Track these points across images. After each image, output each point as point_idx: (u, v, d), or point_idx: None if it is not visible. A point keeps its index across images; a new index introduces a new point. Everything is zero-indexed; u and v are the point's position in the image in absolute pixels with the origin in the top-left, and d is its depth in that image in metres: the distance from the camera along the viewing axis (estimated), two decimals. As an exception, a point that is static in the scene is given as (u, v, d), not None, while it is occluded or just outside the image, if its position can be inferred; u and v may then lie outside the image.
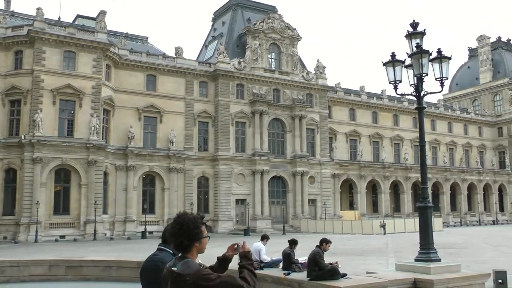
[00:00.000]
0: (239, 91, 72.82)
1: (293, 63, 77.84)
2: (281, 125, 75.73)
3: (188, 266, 4.20)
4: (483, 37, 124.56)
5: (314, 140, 78.78)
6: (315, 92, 79.52)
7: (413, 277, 10.14)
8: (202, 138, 71.55)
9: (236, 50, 76.66)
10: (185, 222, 4.38)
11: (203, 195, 70.60)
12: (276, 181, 74.60)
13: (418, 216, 12.01)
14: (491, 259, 30.10)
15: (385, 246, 42.60)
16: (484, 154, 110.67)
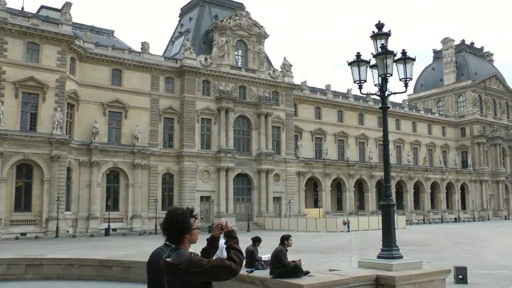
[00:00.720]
0: (205, 87, 72.51)
1: (260, 61, 77.88)
2: (247, 122, 75.71)
3: (180, 256, 4.56)
4: (448, 39, 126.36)
5: (279, 138, 78.95)
6: (281, 90, 79.70)
7: (375, 274, 10.22)
8: (167, 135, 71.07)
9: (203, 47, 76.31)
10: (175, 217, 4.76)
11: (168, 191, 70.13)
12: (241, 178, 74.56)
13: (381, 214, 12.13)
14: (452, 255, 30.68)
15: (348, 243, 42.98)
16: (447, 153, 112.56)
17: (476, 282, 19.62)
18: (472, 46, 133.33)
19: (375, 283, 10.13)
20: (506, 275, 21.69)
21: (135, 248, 38.66)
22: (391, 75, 11.54)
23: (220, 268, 4.51)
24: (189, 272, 4.46)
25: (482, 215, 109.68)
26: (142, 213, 66.03)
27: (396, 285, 9.93)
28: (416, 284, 10.40)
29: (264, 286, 9.78)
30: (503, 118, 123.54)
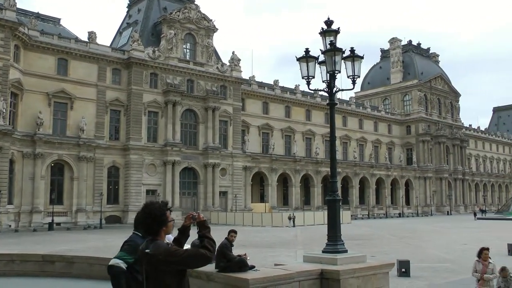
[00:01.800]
0: (153, 80, 71.77)
1: (208, 54, 77.57)
2: (194, 116, 75.33)
3: (158, 247, 4.84)
4: (395, 39, 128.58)
5: (226, 132, 78.86)
6: (229, 84, 79.61)
7: (320, 268, 10.28)
8: (113, 127, 70.05)
9: (151, 39, 75.46)
10: (153, 211, 5.05)
11: (113, 185, 69.15)
12: (187, 172, 74.19)
13: (327, 209, 12.23)
14: (396, 250, 31.31)
15: (294, 238, 43.29)
16: (392, 150, 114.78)
17: (418, 275, 20.10)
18: (419, 46, 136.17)
19: (319, 277, 10.19)
20: (447, 268, 22.26)
21: (79, 242, 38.13)
22: (339, 72, 11.62)
23: (195, 256, 4.84)
24: (167, 261, 4.75)
25: (425, 211, 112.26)
26: (87, 207, 64.84)
27: (341, 278, 10.01)
28: (360, 278, 10.51)
29: (210, 280, 9.74)
30: (448, 117, 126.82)
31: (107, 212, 66.71)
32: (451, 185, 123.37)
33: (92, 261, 14.91)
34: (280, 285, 9.43)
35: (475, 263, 12.97)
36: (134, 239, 6.15)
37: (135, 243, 6.02)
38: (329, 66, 11.60)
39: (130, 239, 6.25)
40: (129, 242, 6.20)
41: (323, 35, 11.91)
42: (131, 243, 6.14)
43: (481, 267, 12.73)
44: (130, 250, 6.07)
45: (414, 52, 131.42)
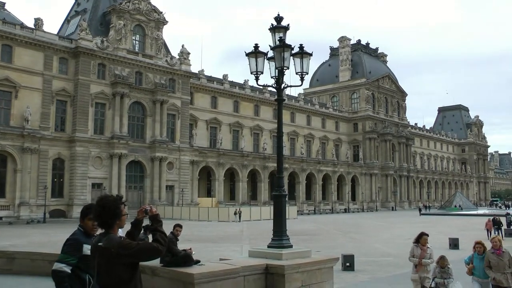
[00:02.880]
0: (101, 71, 70.51)
1: (158, 47, 76.81)
2: (142, 109, 74.52)
3: (111, 240, 4.88)
4: (345, 38, 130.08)
5: (174, 126, 78.27)
6: (178, 78, 79.01)
7: (265, 263, 10.33)
8: (59, 118, 68.37)
9: (100, 28, 73.99)
10: (107, 204, 5.06)
11: (58, 178, 67.61)
12: (134, 165, 73.35)
13: (273, 204, 12.29)
14: (341, 244, 31.75)
15: (240, 233, 43.37)
16: (339, 147, 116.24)
17: (362, 269, 20.41)
18: (367, 46, 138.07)
19: (265, 272, 10.24)
20: (390, 262, 22.68)
21: (21, 237, 37.24)
22: (287, 68, 11.68)
23: (148, 250, 4.89)
24: (120, 254, 4.77)
25: (370, 206, 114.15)
26: (30, 201, 63.24)
27: (285, 273, 10.08)
28: (304, 273, 10.60)
29: (155, 274, 9.68)
30: (394, 116, 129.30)
31: (51, 206, 65.23)
32: (396, 181, 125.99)
33: (34, 256, 14.63)
34: (225, 280, 9.44)
35: (412, 248, 13.05)
36: (77, 236, 6.10)
37: (76, 241, 6.00)
38: (278, 62, 11.64)
39: (71, 237, 6.14)
40: (70, 241, 6.09)
41: (272, 31, 11.94)
42: (72, 242, 6.05)
43: (419, 252, 12.82)
44: (71, 250, 5.98)
45: (363, 51, 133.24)
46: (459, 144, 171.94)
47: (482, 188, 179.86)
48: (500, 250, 12.14)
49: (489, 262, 12.15)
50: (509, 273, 11.94)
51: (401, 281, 12.34)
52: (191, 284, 8.89)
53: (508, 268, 11.98)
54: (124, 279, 4.84)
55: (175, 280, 9.33)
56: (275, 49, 11.72)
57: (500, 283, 11.90)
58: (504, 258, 12.01)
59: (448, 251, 24.91)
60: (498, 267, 11.95)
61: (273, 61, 11.89)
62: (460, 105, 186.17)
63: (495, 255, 12.10)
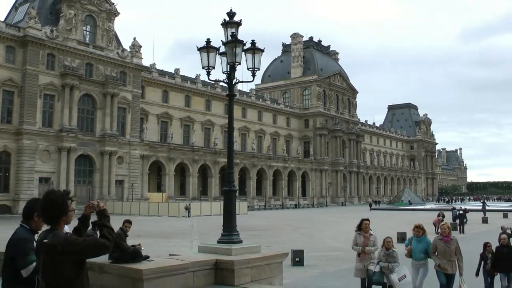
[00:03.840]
0: (50, 61, 68.90)
1: (109, 39, 75.72)
2: (92, 101, 73.35)
3: (57, 236, 4.75)
4: (297, 35, 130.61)
5: (125, 120, 77.31)
6: (129, 71, 78.07)
7: (214, 259, 10.31)
8: (6, 109, 66.47)
9: (50, 17, 72.12)
10: (54, 199, 4.91)
11: (4, 172, 65.83)
12: (83, 159, 72.14)
13: (223, 199, 12.29)
14: (291, 239, 31.95)
15: (190, 228, 43.25)
16: (290, 143, 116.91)
17: (312, 264, 20.58)
18: (319, 43, 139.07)
19: (214, 267, 10.23)
20: (339, 256, 22.93)
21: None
22: (239, 63, 11.68)
23: (95, 246, 4.82)
24: (66, 251, 4.66)
25: (321, 202, 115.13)
26: (-27, 195, 61.63)
27: (235, 269, 10.09)
28: (254, 268, 10.62)
29: (103, 271, 9.53)
30: (345, 113, 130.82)
31: (-5, 200, 63.72)
32: (346, 177, 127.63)
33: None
34: (175, 275, 9.38)
35: (355, 236, 12.94)
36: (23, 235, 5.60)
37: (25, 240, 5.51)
38: (230, 57, 11.63)
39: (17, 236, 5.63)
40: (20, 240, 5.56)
41: (225, 26, 11.91)
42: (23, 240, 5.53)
43: (362, 239, 12.72)
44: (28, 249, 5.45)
45: (315, 48, 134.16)
46: (408, 141, 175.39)
47: (430, 184, 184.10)
48: (448, 237, 12.28)
49: (436, 248, 12.32)
50: (454, 261, 12.12)
51: (349, 275, 12.49)
52: (140, 280, 8.80)
53: (455, 255, 12.16)
54: (70, 276, 4.74)
55: (124, 276, 9.22)
56: (227, 45, 11.69)
57: (445, 270, 12.08)
58: (452, 246, 12.16)
59: (396, 244, 25.28)
60: (445, 254, 12.10)
61: (225, 56, 11.88)
62: (409, 104, 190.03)
63: (442, 242, 12.23)
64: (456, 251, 12.23)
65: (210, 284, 10.09)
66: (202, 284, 9.91)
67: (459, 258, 12.32)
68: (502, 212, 61.54)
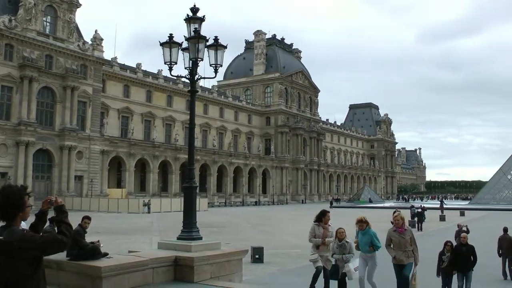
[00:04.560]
0: (8, 52, 67.27)
1: (70, 31, 74.42)
2: (51, 94, 72.07)
3: (13, 233, 4.58)
4: (260, 32, 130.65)
5: (85, 114, 76.23)
6: (90, 64, 76.96)
7: (174, 255, 10.29)
8: (-39, 102, 65.23)
9: (8, 6, 70.11)
10: (11, 194, 4.70)
11: (-42, 166, 64.53)
12: (41, 154, 70.90)
13: (183, 196, 12.26)
14: (251, 236, 32.02)
15: (150, 225, 43.02)
16: (251, 140, 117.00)
17: (272, 261, 20.65)
18: (282, 41, 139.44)
19: (174, 264, 10.20)
20: (299, 254, 23.03)
21: None
22: (201, 60, 11.67)
23: (52, 242, 4.67)
24: (22, 248, 4.51)
25: (281, 199, 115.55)
26: None
27: (195, 265, 10.08)
28: (214, 264, 10.64)
29: (61, 269, 9.39)
30: (306, 111, 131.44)
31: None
32: (307, 175, 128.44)
33: None
34: (134, 272, 9.31)
35: (313, 227, 12.78)
36: None
37: None
38: (192, 53, 11.59)
39: None
40: None
41: (188, 21, 11.86)
42: None
43: (321, 231, 12.59)
44: None
45: (278, 46, 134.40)
46: (369, 140, 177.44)
47: (390, 182, 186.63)
48: (402, 228, 12.09)
49: (390, 240, 12.15)
50: (410, 251, 11.91)
51: (309, 272, 12.51)
52: (99, 278, 8.71)
53: (410, 246, 11.95)
54: (26, 274, 4.60)
55: (82, 274, 9.11)
56: (190, 40, 11.65)
57: (401, 261, 11.85)
58: (406, 236, 11.97)
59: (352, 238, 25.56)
60: (399, 245, 11.90)
61: (187, 52, 11.84)
62: (370, 103, 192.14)
63: (396, 233, 12.05)
64: (411, 241, 12.05)
65: (169, 280, 10.06)
66: (161, 281, 9.87)
67: (415, 248, 12.12)
68: (459, 210, 63.13)
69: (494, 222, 42.63)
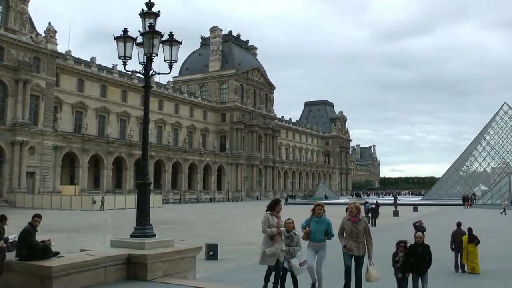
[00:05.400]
0: (-43, 44, 65.66)
1: (22, 22, 72.72)
2: (3, 87, 70.28)
3: None
4: (216, 28, 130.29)
5: (38, 108, 74.69)
6: (43, 57, 75.42)
7: (127, 253, 10.20)
8: None
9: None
10: None
11: None
12: (-8, 149, 69.39)
13: (137, 193, 12.18)
14: (206, 233, 31.98)
15: (103, 222, 42.53)
16: (207, 136, 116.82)
17: (226, 258, 20.62)
18: (238, 38, 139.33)
19: (126, 262, 10.11)
20: (253, 250, 23.01)
21: None
22: (156, 55, 11.60)
23: None
24: None
25: (236, 196, 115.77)
26: None
27: (148, 263, 10.02)
28: (167, 262, 10.59)
29: (9, 270, 9.18)
30: (262, 108, 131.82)
31: None
32: (262, 172, 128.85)
33: None
34: (86, 271, 9.18)
35: (267, 217, 11.88)
36: None
37: None
38: (147, 48, 11.52)
39: None
40: None
41: (143, 16, 11.75)
42: None
43: (275, 220, 11.85)
44: None
45: (234, 42, 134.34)
46: (324, 137, 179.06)
47: (344, 179, 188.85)
48: (356, 218, 11.73)
49: (343, 228, 11.81)
50: (362, 242, 11.58)
51: (263, 269, 12.49)
52: (49, 278, 8.55)
53: (362, 236, 11.62)
54: None
55: (32, 274, 8.92)
56: (145, 35, 11.57)
57: (351, 251, 11.54)
58: (359, 226, 11.63)
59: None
60: (352, 234, 11.58)
61: (142, 47, 11.75)
62: (325, 101, 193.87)
63: (350, 222, 11.70)
64: (365, 232, 11.66)
65: (122, 279, 9.96)
66: (114, 280, 9.76)
67: (368, 239, 11.69)
68: (412, 206, 64.31)
69: (446, 217, 43.55)
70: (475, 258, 17.14)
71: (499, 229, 37.19)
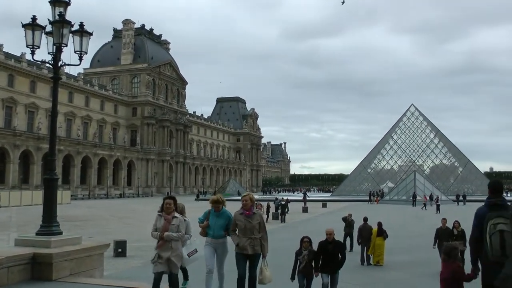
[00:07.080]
0: None
1: None
2: None
3: None
4: (129, 21, 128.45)
5: None
6: None
7: (32, 252, 9.86)
8: None
9: None
10: None
11: None
12: None
13: (44, 189, 11.79)
14: (115, 230, 31.58)
15: (8, 219, 41.11)
16: (117, 131, 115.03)
17: (135, 254, 20.42)
18: (151, 32, 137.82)
19: (31, 261, 9.76)
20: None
21: None
22: (66, 45, 11.24)
23: None
24: None
25: (146, 191, 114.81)
26: None
27: (53, 262, 9.74)
28: (73, 260, 10.34)
29: None
30: (174, 103, 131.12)
31: None
32: (173, 167, 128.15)
33: None
34: (-14, 272, 8.77)
35: (156, 218, 10.09)
36: None
37: None
38: (56, 38, 11.13)
39: None
40: None
41: (52, 4, 11.35)
42: None
43: (162, 222, 9.88)
44: None
45: (146, 36, 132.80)
46: (235, 134, 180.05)
47: (255, 176, 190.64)
48: (250, 211, 10.12)
49: (235, 225, 10.21)
50: (257, 239, 10.03)
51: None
52: None
53: (257, 232, 10.07)
54: None
55: None
56: (54, 24, 11.18)
57: (245, 250, 9.97)
58: (253, 221, 10.04)
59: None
60: (245, 230, 10.02)
61: (51, 37, 11.34)
62: (237, 97, 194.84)
63: (243, 217, 10.10)
64: (260, 227, 10.11)
65: (26, 280, 9.60)
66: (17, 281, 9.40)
67: (263, 236, 10.14)
68: (321, 202, 65.69)
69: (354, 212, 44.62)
70: (381, 251, 18.00)
71: (404, 222, 39.01)
